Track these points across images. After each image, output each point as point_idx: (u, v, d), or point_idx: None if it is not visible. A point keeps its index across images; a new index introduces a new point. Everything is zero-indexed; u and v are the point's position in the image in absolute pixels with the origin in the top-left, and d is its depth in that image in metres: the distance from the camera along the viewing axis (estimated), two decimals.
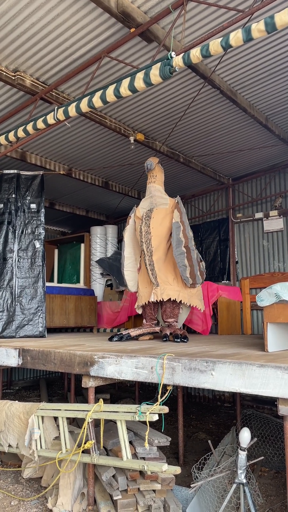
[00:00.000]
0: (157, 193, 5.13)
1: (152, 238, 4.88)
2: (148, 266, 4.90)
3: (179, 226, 4.81)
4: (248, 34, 2.96)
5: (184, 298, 4.87)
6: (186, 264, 4.72)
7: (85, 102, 3.95)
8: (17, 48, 4.19)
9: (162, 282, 4.85)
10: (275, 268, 7.20)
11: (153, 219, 4.94)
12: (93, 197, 8.89)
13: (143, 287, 5.11)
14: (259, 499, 3.61)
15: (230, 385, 2.68)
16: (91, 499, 3.41)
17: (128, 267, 5.28)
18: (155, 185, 5.18)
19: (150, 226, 4.91)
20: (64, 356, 3.65)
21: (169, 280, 4.88)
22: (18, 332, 5.63)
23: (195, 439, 5.51)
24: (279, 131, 5.96)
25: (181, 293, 4.88)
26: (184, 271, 4.73)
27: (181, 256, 4.70)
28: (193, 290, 5.00)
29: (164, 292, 4.82)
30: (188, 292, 4.95)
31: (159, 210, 4.98)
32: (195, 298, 4.99)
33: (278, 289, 3.32)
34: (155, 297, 4.83)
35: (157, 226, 4.92)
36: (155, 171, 5.19)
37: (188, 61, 3.23)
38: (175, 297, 4.83)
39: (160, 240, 4.90)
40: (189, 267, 4.75)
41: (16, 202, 5.94)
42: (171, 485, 3.29)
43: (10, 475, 4.23)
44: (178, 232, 4.77)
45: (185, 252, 4.72)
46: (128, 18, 3.67)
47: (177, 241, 4.73)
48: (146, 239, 4.91)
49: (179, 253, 4.70)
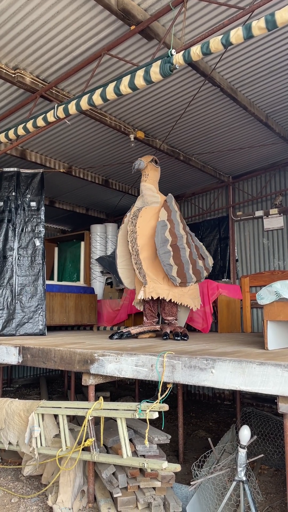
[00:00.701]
0: (148, 192, 5.15)
1: (138, 237, 4.89)
2: (135, 265, 4.90)
3: (165, 225, 4.80)
4: (248, 31, 2.95)
5: (174, 297, 4.85)
6: (171, 263, 4.68)
7: (85, 99, 3.94)
8: (17, 46, 4.18)
9: (151, 281, 4.84)
10: (275, 266, 7.20)
11: (140, 218, 4.96)
12: (93, 195, 8.88)
13: (138, 284, 5.12)
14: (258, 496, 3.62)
15: (230, 383, 2.68)
16: (91, 497, 3.42)
17: (121, 265, 5.29)
18: (145, 184, 5.20)
19: (136, 225, 4.93)
20: (64, 354, 3.65)
21: (158, 279, 4.86)
22: (18, 330, 5.63)
23: (195, 437, 5.52)
24: (279, 129, 5.95)
25: (171, 292, 4.86)
26: (169, 270, 4.68)
27: (165, 255, 4.66)
28: (185, 289, 4.96)
29: (154, 291, 4.80)
30: (179, 291, 4.91)
31: (148, 209, 5.01)
32: (186, 297, 4.94)
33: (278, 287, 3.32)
34: (144, 295, 4.83)
35: (143, 225, 4.93)
36: (147, 169, 5.20)
37: (188, 59, 3.22)
38: (164, 295, 4.81)
39: (146, 239, 4.90)
40: (175, 266, 4.71)
41: (16, 200, 5.93)
42: (171, 483, 3.29)
43: (10, 472, 4.24)
44: (163, 231, 4.75)
45: (171, 251, 4.69)
46: (128, 16, 3.66)
47: (162, 241, 4.70)
48: (131, 238, 4.93)
49: (163, 252, 4.67)
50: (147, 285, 4.81)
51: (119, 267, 5.28)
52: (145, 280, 4.84)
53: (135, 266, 4.90)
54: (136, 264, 4.89)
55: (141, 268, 4.85)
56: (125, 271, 5.29)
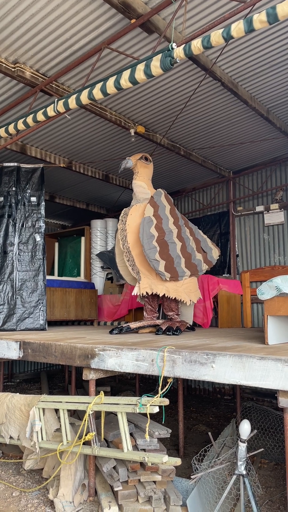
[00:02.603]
0: (139, 189, 5.19)
1: (128, 235, 4.92)
2: (127, 262, 4.93)
3: (150, 221, 4.81)
4: (249, 25, 2.93)
5: (168, 292, 4.86)
6: (157, 259, 4.68)
7: (85, 94, 3.92)
8: (16, 40, 4.15)
9: (144, 277, 4.86)
10: (275, 262, 7.19)
11: (130, 216, 5.00)
12: (94, 190, 8.86)
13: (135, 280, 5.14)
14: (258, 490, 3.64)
15: (230, 378, 2.69)
16: (92, 490, 3.44)
17: (120, 264, 5.30)
18: (136, 182, 5.25)
19: (125, 223, 4.98)
20: (65, 348, 3.66)
21: (152, 275, 4.88)
22: (19, 325, 5.64)
23: (195, 431, 5.54)
24: (280, 124, 5.93)
25: (165, 286, 4.87)
26: (156, 265, 4.68)
27: (151, 251, 4.67)
28: (179, 283, 4.96)
29: (148, 286, 4.83)
30: (173, 285, 4.91)
31: (138, 207, 5.05)
32: (181, 292, 4.94)
33: (278, 282, 3.33)
34: (138, 290, 4.84)
35: (132, 223, 4.96)
36: (136, 167, 5.24)
37: (189, 53, 3.20)
38: (158, 290, 4.82)
39: (137, 236, 4.91)
40: (163, 261, 4.71)
41: (16, 195, 5.93)
42: (172, 477, 3.31)
43: (12, 466, 4.26)
44: (148, 227, 4.75)
45: (157, 246, 4.70)
46: (129, 9, 3.63)
47: (147, 236, 4.70)
48: (122, 236, 4.97)
49: (148, 248, 4.67)
50: (141, 281, 4.84)
51: (119, 265, 5.30)
52: (138, 276, 4.87)
53: (127, 263, 4.93)
54: (128, 261, 4.92)
55: (134, 264, 4.89)
56: (125, 269, 5.30)
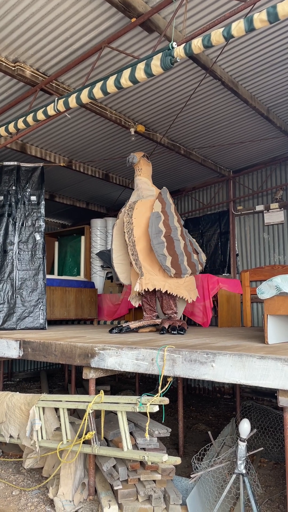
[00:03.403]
0: (143, 185, 5.19)
1: (134, 228, 4.92)
2: (131, 256, 4.92)
3: (159, 216, 4.84)
4: (250, 24, 2.93)
5: (170, 289, 4.86)
6: (165, 254, 4.72)
7: (85, 93, 3.92)
8: (17, 38, 4.15)
9: (147, 272, 4.86)
10: (275, 261, 7.19)
11: (136, 210, 5.00)
12: (94, 189, 8.86)
13: (134, 279, 5.13)
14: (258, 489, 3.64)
15: (230, 377, 2.69)
16: (92, 489, 3.45)
17: (117, 260, 5.29)
18: (141, 178, 5.23)
19: (132, 216, 4.97)
20: (65, 347, 3.66)
21: (154, 271, 4.89)
22: (19, 324, 5.64)
23: (195, 430, 5.54)
24: (280, 123, 5.92)
25: (167, 283, 4.87)
26: (163, 260, 4.72)
27: (159, 246, 4.71)
28: (180, 281, 4.97)
29: (149, 282, 4.82)
30: (174, 282, 4.93)
31: (144, 202, 5.04)
32: (182, 289, 4.95)
33: (278, 282, 3.33)
34: (140, 287, 4.84)
35: (139, 217, 4.96)
36: (140, 164, 5.23)
37: (189, 52, 3.20)
38: (160, 287, 4.82)
39: (142, 231, 4.93)
40: (169, 257, 4.75)
41: (16, 194, 5.92)
42: (171, 476, 3.31)
43: (12, 465, 4.27)
44: (157, 222, 4.80)
45: (165, 242, 4.74)
46: (129, 8, 3.63)
47: (156, 231, 4.75)
48: (128, 229, 4.96)
49: (157, 243, 4.72)
50: (143, 276, 4.83)
51: (115, 262, 5.29)
52: (141, 271, 4.86)
53: (131, 257, 4.92)
54: (132, 256, 4.91)
55: (137, 259, 4.88)
56: (121, 266, 5.30)
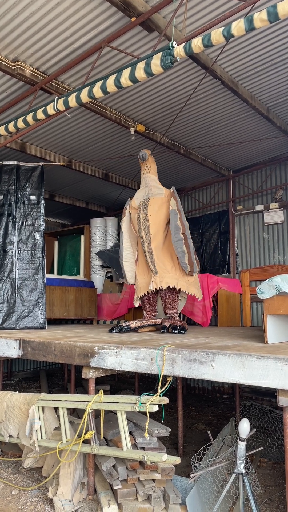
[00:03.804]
0: (153, 183, 5.18)
1: (150, 225, 4.93)
2: (147, 253, 4.93)
3: (176, 214, 4.87)
4: (250, 23, 2.92)
5: (182, 286, 4.90)
6: (184, 251, 4.77)
7: (85, 92, 3.92)
8: (17, 38, 4.14)
9: (161, 270, 4.88)
10: (275, 261, 7.19)
11: (150, 207, 4.99)
12: (93, 189, 8.86)
13: (141, 278, 5.12)
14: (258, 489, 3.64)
15: (230, 376, 2.69)
16: (91, 489, 3.45)
17: (127, 258, 5.30)
18: (150, 175, 5.22)
19: (147, 213, 4.96)
20: (64, 347, 3.66)
21: (167, 268, 4.91)
22: (19, 324, 5.64)
23: (195, 430, 5.54)
24: (280, 123, 5.92)
25: (180, 281, 4.90)
26: (182, 257, 4.78)
27: (179, 243, 4.76)
28: (191, 279, 5.02)
29: (163, 280, 4.84)
30: (186, 280, 4.97)
31: (155, 199, 5.03)
32: (192, 287, 5.01)
33: (278, 281, 3.32)
34: (154, 285, 4.84)
35: (154, 214, 4.97)
36: (148, 162, 5.24)
37: (189, 51, 3.20)
38: (174, 284, 4.85)
39: (157, 228, 4.94)
40: (187, 254, 4.81)
41: (16, 193, 5.92)
42: (171, 475, 3.31)
43: (11, 465, 4.27)
44: (175, 219, 4.83)
45: (183, 239, 4.78)
46: (129, 7, 3.63)
47: (175, 228, 4.79)
48: (144, 226, 4.95)
49: (177, 240, 4.76)
50: (158, 274, 4.85)
51: (125, 260, 5.28)
52: (155, 269, 4.88)
53: (147, 254, 4.92)
54: (148, 253, 4.91)
55: (152, 256, 4.89)
56: (129, 264, 5.29)
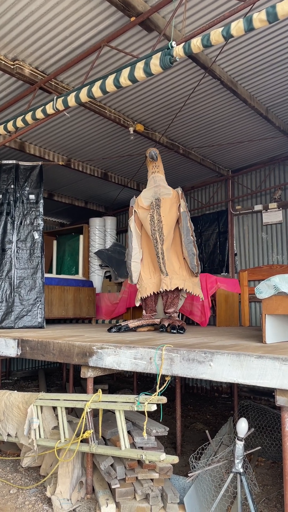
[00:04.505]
0: (162, 183, 5.11)
1: (164, 227, 4.90)
2: (159, 255, 4.89)
3: (187, 215, 4.91)
4: (249, 23, 2.93)
5: (189, 287, 4.94)
6: (195, 252, 4.83)
7: (84, 92, 3.92)
8: (16, 37, 4.14)
9: (170, 271, 4.90)
10: (273, 261, 7.20)
11: (162, 208, 4.95)
12: (92, 188, 8.85)
13: (147, 278, 5.09)
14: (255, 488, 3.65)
15: (228, 376, 2.70)
16: (90, 488, 3.45)
17: (135, 258, 5.25)
18: (160, 175, 5.16)
19: (161, 214, 4.92)
20: (63, 346, 3.66)
21: (175, 269, 4.94)
22: (17, 323, 5.64)
23: (193, 429, 5.55)
24: (279, 123, 5.93)
25: (186, 282, 4.94)
26: (193, 259, 4.83)
27: (190, 245, 4.81)
28: (195, 280, 5.06)
29: (172, 281, 4.87)
30: (192, 281, 5.02)
31: (165, 200, 4.99)
32: (197, 288, 5.06)
33: (276, 281, 3.33)
34: (165, 286, 4.84)
35: (166, 215, 4.93)
36: (157, 161, 5.20)
37: (188, 51, 3.20)
38: (181, 286, 4.88)
39: (169, 229, 4.94)
40: (196, 255, 4.86)
41: (14, 192, 5.91)
42: (169, 474, 3.32)
43: (9, 464, 4.27)
44: (186, 220, 4.86)
45: (193, 240, 4.84)
46: (129, 7, 3.63)
47: (187, 230, 4.83)
48: (158, 227, 4.90)
49: (189, 242, 4.80)
50: (168, 276, 4.87)
51: (133, 260, 5.23)
52: (166, 270, 4.89)
53: (160, 255, 4.89)
54: (160, 254, 4.89)
55: (163, 258, 4.88)
56: (136, 265, 5.27)
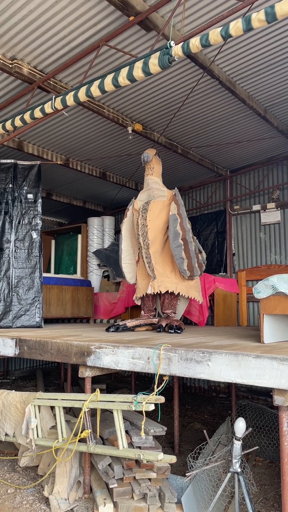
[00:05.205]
0: (155, 185, 5.11)
1: (149, 231, 4.88)
2: (145, 259, 4.90)
3: (176, 219, 4.80)
4: (248, 23, 2.93)
5: (182, 290, 4.89)
6: (183, 257, 4.72)
7: (83, 91, 3.92)
8: (14, 36, 4.14)
9: (159, 275, 4.86)
10: (271, 261, 7.21)
11: (150, 212, 4.93)
12: (91, 188, 8.85)
13: (141, 279, 5.12)
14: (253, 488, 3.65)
15: (226, 376, 2.70)
16: (87, 488, 3.45)
17: (125, 260, 5.29)
18: (152, 177, 5.16)
19: (146, 219, 4.90)
20: (61, 346, 3.66)
21: (166, 273, 4.89)
22: (15, 322, 5.64)
23: (191, 429, 5.56)
24: (277, 123, 5.93)
25: (179, 285, 4.89)
26: (181, 263, 4.73)
27: (178, 249, 4.70)
28: (191, 282, 5.01)
29: (162, 285, 4.83)
30: (186, 284, 4.96)
31: (156, 203, 4.96)
32: (193, 290, 5.00)
33: (274, 281, 3.33)
34: (152, 289, 4.84)
35: (153, 219, 4.91)
36: (152, 163, 5.18)
37: (187, 51, 3.20)
38: (172, 289, 4.83)
39: (156, 233, 4.90)
40: (186, 260, 4.75)
41: (13, 192, 5.91)
42: (167, 474, 3.32)
43: (7, 463, 4.26)
44: (175, 224, 4.76)
45: (182, 244, 4.73)
46: (127, 6, 3.63)
47: (174, 234, 4.72)
48: (142, 232, 4.91)
49: (176, 246, 4.70)
50: (156, 279, 4.84)
51: (124, 262, 5.27)
52: (153, 274, 4.86)
53: (145, 260, 4.89)
54: (146, 258, 4.89)
55: (151, 262, 4.86)
56: (129, 266, 5.29)
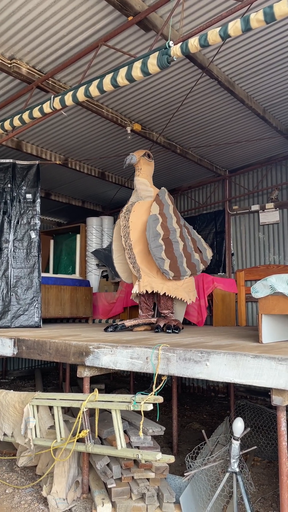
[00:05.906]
0: (141, 186, 5.16)
1: (131, 232, 4.90)
2: (128, 260, 4.91)
3: (157, 219, 4.81)
4: (246, 24, 2.93)
5: (168, 291, 4.86)
6: (162, 257, 4.70)
7: (81, 91, 3.92)
8: (13, 35, 4.13)
9: (145, 275, 4.85)
10: (270, 261, 7.22)
11: (133, 213, 4.97)
12: (89, 188, 8.85)
13: (134, 278, 5.14)
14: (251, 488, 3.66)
15: (224, 376, 2.70)
16: (86, 487, 3.45)
17: (117, 260, 5.31)
18: (139, 179, 5.21)
19: (128, 220, 4.94)
20: (59, 346, 3.66)
21: (152, 273, 4.88)
22: (14, 322, 5.63)
23: (189, 429, 5.56)
24: (276, 123, 5.94)
25: (165, 285, 4.87)
26: (161, 264, 4.70)
27: (157, 249, 4.68)
28: (179, 282, 4.97)
29: (148, 284, 4.82)
30: (173, 284, 4.93)
31: (142, 204, 5.02)
32: (181, 291, 4.95)
33: (273, 281, 3.34)
34: (136, 289, 4.84)
35: (136, 220, 4.93)
36: (139, 164, 5.20)
37: (186, 51, 3.20)
38: (158, 289, 4.82)
39: (140, 234, 4.91)
40: (168, 260, 4.73)
41: (11, 192, 5.90)
42: (165, 474, 3.32)
43: (5, 463, 4.26)
44: (154, 225, 4.77)
45: (163, 245, 4.71)
46: (126, 6, 3.62)
47: (153, 235, 4.72)
48: (124, 233, 4.94)
49: (154, 246, 4.69)
50: (141, 279, 4.83)
51: (116, 262, 5.30)
52: (139, 274, 4.85)
53: (128, 260, 4.91)
54: (130, 259, 4.90)
55: (135, 262, 4.87)
56: (122, 266, 5.31)
